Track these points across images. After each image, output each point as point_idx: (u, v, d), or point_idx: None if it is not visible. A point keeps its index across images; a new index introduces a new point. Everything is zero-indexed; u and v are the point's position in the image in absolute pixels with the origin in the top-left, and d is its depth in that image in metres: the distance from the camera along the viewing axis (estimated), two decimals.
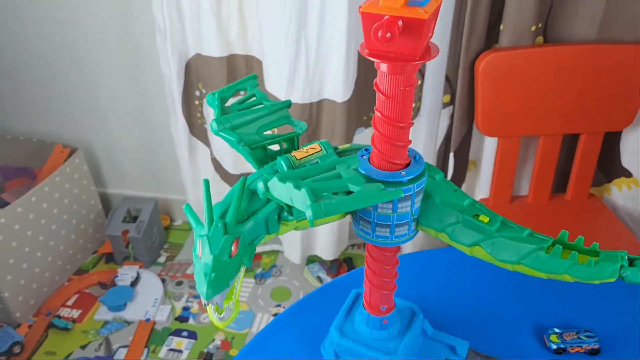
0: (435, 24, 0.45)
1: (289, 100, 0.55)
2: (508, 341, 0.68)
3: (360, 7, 0.42)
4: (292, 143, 0.54)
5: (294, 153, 0.50)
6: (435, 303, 0.74)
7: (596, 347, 0.65)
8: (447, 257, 0.82)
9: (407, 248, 1.47)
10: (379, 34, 0.42)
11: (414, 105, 1.26)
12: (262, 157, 0.53)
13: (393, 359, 0.61)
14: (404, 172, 0.49)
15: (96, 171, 1.83)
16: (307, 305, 0.75)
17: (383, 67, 0.47)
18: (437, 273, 0.79)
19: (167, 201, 1.86)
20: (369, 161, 0.51)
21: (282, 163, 0.48)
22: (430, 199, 0.51)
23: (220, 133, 0.52)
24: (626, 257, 0.46)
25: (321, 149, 0.50)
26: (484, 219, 0.49)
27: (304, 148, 0.50)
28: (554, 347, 0.66)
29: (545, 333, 0.68)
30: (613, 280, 0.45)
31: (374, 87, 0.49)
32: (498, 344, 0.67)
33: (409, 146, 0.50)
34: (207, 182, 0.45)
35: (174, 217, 1.90)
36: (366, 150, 0.52)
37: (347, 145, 0.53)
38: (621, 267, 0.45)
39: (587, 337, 0.66)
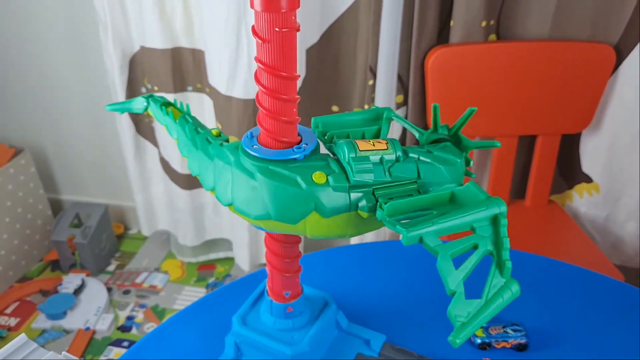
0: None
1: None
2: (428, 335, 0.61)
3: None
4: None
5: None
6: (355, 296, 0.68)
7: (523, 342, 0.59)
8: (371, 251, 0.76)
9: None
10: None
11: (365, 107, 1.22)
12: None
13: (297, 351, 0.55)
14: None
15: (48, 176, 1.76)
16: (217, 299, 0.69)
17: (256, 3, 0.42)
18: (360, 266, 0.73)
19: (122, 208, 1.78)
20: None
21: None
22: None
23: None
24: None
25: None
26: None
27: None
28: (478, 341, 0.60)
29: None
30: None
31: (252, 34, 0.44)
32: (417, 338, 0.61)
33: None
34: None
35: (128, 225, 1.82)
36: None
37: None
38: None
39: (514, 331, 0.60)
